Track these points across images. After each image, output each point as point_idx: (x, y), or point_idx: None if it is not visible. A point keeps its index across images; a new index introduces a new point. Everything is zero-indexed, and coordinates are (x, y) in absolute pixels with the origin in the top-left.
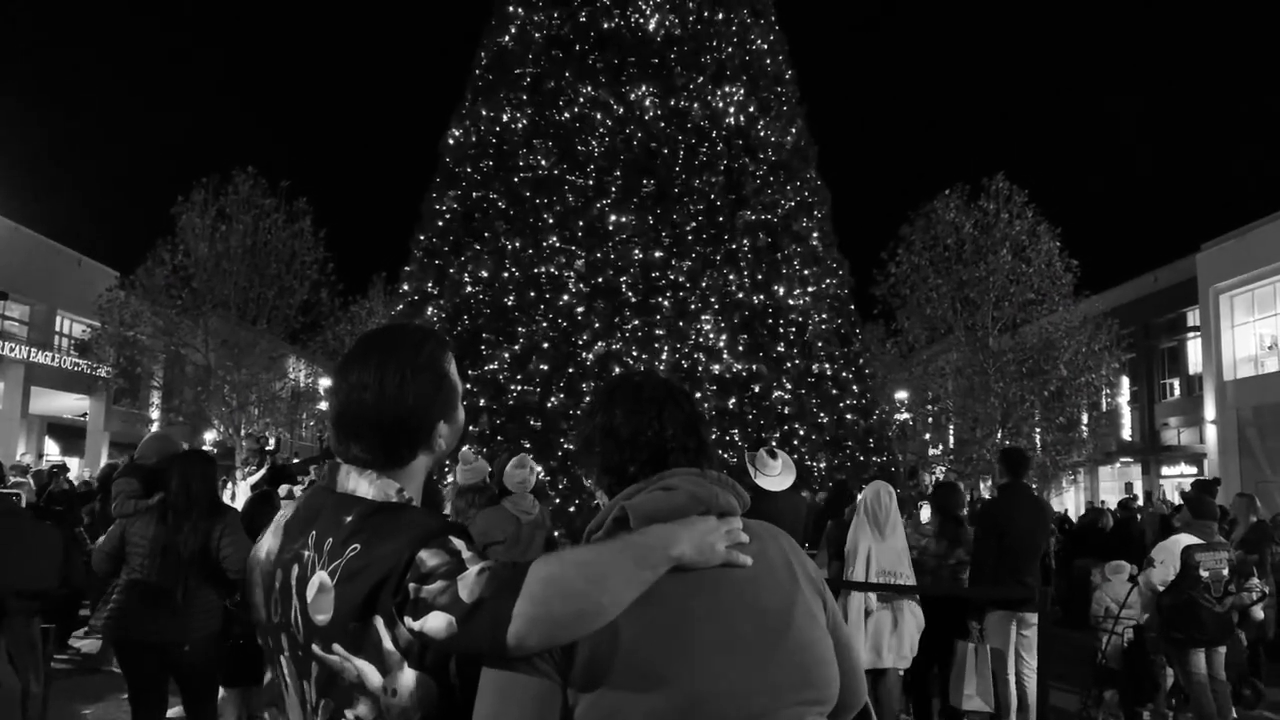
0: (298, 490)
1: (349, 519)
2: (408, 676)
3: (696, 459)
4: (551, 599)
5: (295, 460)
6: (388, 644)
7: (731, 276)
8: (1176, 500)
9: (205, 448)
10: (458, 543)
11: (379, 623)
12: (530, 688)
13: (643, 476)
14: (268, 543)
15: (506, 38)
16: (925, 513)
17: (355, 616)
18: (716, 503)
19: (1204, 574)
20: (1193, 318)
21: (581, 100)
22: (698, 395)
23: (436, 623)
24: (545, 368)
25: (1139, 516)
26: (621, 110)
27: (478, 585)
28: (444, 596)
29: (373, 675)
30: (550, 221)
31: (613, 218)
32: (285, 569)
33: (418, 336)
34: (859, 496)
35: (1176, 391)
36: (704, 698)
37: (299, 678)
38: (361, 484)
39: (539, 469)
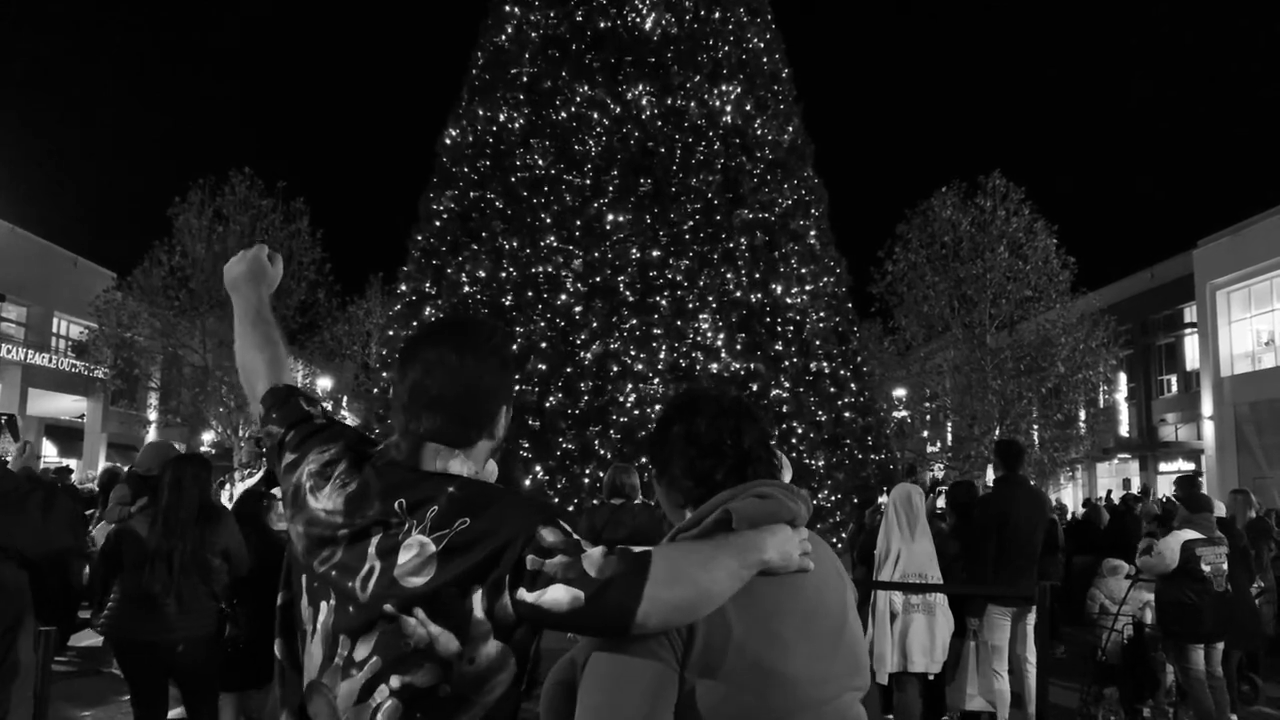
0: None
1: (451, 489)
2: (492, 647)
3: (770, 469)
4: (674, 583)
5: None
6: (479, 613)
7: (729, 275)
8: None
9: (203, 449)
10: (568, 526)
11: (478, 593)
12: (650, 671)
13: (730, 483)
14: (324, 498)
15: (503, 37)
16: (940, 502)
17: (456, 584)
18: (800, 515)
19: (1205, 568)
20: (1190, 314)
21: (578, 100)
22: None
23: (559, 595)
24: (543, 367)
25: (1138, 509)
26: (618, 109)
27: (608, 564)
28: (570, 571)
29: (449, 642)
30: (548, 221)
31: (610, 217)
32: (357, 532)
33: (488, 326)
34: (884, 499)
35: (1174, 388)
36: (795, 685)
37: (335, 632)
38: (454, 463)
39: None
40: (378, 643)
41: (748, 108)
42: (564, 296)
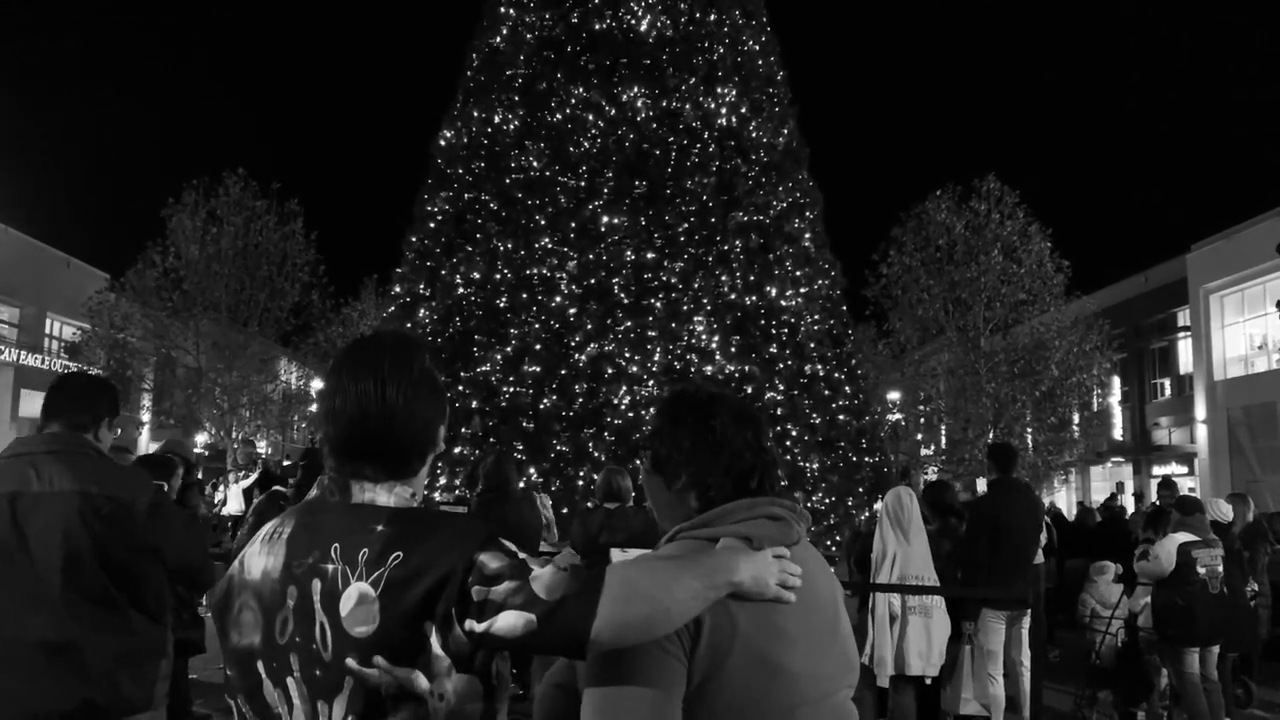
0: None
1: (380, 527)
2: (458, 681)
3: (775, 483)
4: (630, 600)
5: (286, 463)
6: (437, 650)
7: (724, 278)
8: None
9: (197, 450)
10: (510, 545)
11: (429, 629)
12: (659, 666)
13: (764, 491)
14: (260, 561)
15: (498, 39)
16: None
17: (404, 625)
18: (794, 538)
19: (1201, 570)
20: (1183, 318)
21: (573, 101)
22: None
23: (511, 621)
24: (537, 369)
25: (1127, 515)
26: (613, 111)
27: (559, 584)
28: (518, 596)
29: (419, 681)
30: (542, 223)
31: (605, 219)
32: (300, 584)
33: (405, 350)
34: (879, 503)
35: (1167, 391)
36: (797, 679)
37: (312, 699)
38: (380, 494)
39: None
40: (350, 699)
41: (743, 110)
42: (558, 298)
